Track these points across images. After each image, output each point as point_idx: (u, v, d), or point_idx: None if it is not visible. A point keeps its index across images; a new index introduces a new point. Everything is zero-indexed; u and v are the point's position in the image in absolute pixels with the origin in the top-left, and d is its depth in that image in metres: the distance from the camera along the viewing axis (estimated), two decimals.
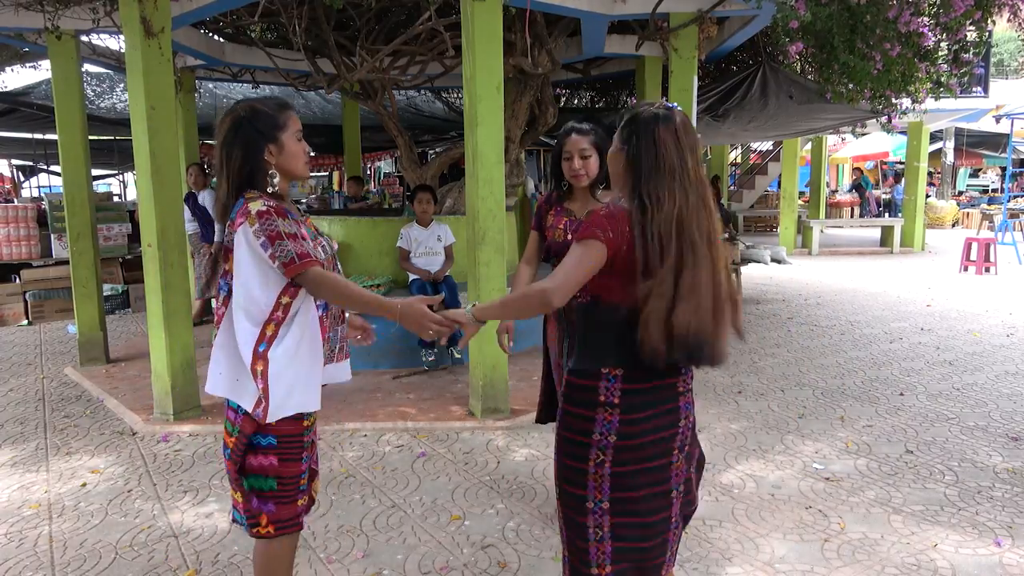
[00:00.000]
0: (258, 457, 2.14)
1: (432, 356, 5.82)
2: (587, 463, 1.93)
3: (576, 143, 2.90)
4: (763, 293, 9.69)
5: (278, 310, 2.11)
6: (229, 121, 2.14)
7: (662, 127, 1.87)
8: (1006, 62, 31.86)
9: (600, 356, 1.93)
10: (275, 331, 2.10)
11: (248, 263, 2.08)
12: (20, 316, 8.32)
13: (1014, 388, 5.28)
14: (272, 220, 2.04)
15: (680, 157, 1.87)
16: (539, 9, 5.40)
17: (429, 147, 14.02)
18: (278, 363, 2.08)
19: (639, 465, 1.93)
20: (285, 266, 2.03)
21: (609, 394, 1.91)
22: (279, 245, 2.03)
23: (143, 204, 4.75)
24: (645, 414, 1.92)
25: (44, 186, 17.61)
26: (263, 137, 2.12)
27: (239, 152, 2.11)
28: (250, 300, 2.09)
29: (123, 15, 4.60)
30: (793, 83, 7.96)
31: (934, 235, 17.32)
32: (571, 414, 1.97)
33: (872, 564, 2.92)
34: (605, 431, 1.91)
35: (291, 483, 2.17)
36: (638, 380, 1.91)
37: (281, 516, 2.17)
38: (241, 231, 2.06)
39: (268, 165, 2.14)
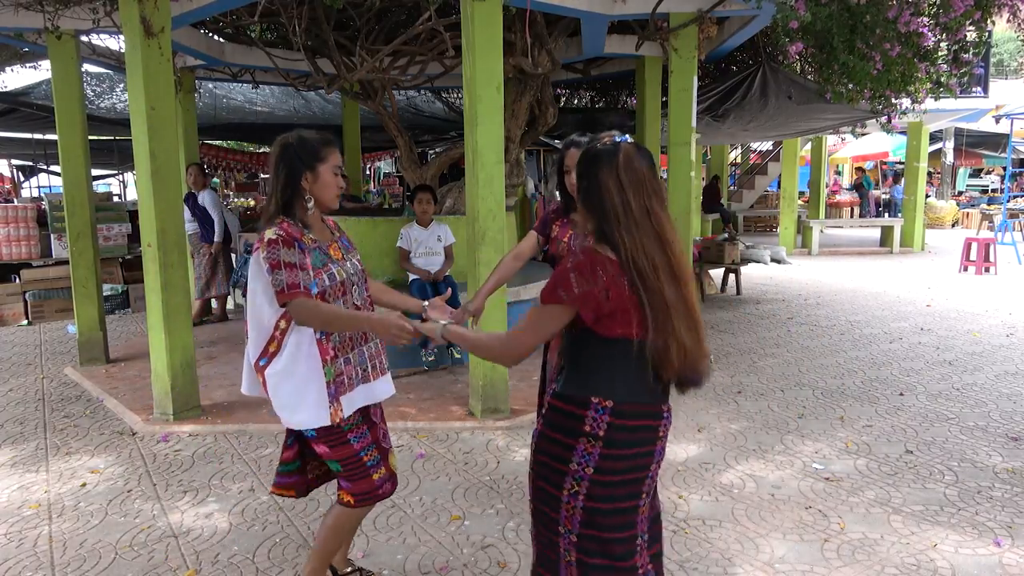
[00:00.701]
0: (317, 445, 2.42)
1: (432, 356, 5.82)
2: (561, 491, 1.88)
3: (573, 157, 2.94)
4: (763, 293, 9.69)
5: (277, 330, 2.35)
6: (279, 145, 2.41)
7: (604, 169, 1.85)
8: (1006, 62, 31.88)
9: (591, 384, 1.86)
10: (276, 349, 2.35)
11: (257, 284, 2.35)
12: (20, 316, 8.32)
13: (1014, 388, 5.29)
14: (276, 249, 2.26)
15: (623, 199, 1.83)
16: (539, 9, 5.40)
17: (429, 147, 14.01)
18: (274, 380, 2.35)
19: (611, 504, 1.87)
20: (277, 293, 2.25)
21: (595, 425, 1.84)
22: (276, 274, 2.24)
23: (143, 204, 4.75)
24: (625, 452, 1.86)
25: (44, 186, 17.62)
26: (303, 164, 2.37)
27: (283, 173, 2.37)
28: (258, 316, 2.36)
29: (123, 15, 4.60)
30: (793, 83, 7.96)
31: (934, 235, 17.32)
32: (550, 439, 1.91)
33: (872, 564, 2.92)
34: (583, 462, 1.85)
35: (353, 462, 2.42)
36: (626, 416, 1.85)
37: (357, 490, 2.44)
38: (255, 256, 2.33)
39: (304, 191, 2.37)
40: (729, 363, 6.07)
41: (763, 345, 6.72)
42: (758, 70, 7.92)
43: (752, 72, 7.99)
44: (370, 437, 2.49)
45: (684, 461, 4.01)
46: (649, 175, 1.87)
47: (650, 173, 1.88)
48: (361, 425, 2.46)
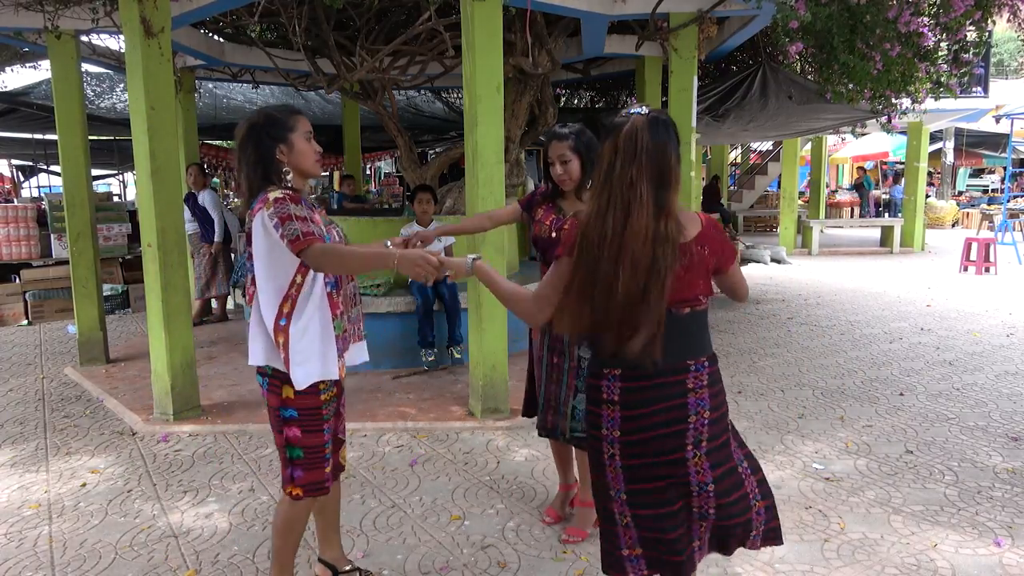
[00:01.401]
0: (290, 428, 2.40)
1: (432, 356, 5.82)
2: (602, 455, 2.03)
3: (555, 149, 2.98)
4: (763, 293, 9.69)
5: (292, 287, 2.31)
6: (245, 126, 2.37)
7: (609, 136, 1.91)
8: (1006, 62, 31.88)
9: (604, 355, 1.99)
10: (291, 307, 2.31)
11: (264, 245, 2.29)
12: (20, 316, 8.32)
13: (1014, 388, 5.28)
14: (285, 204, 2.23)
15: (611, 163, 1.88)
16: (539, 9, 5.40)
17: (429, 147, 14.01)
18: (295, 337, 2.30)
19: (648, 459, 1.99)
20: (292, 243, 2.19)
21: (610, 392, 1.99)
22: (288, 225, 2.20)
23: (143, 204, 4.75)
24: (646, 410, 1.96)
25: (44, 186, 17.61)
26: (274, 138, 2.34)
27: (252, 151, 2.33)
28: (269, 278, 2.32)
29: (123, 15, 4.60)
30: (793, 83, 7.96)
31: (934, 235, 17.32)
32: (588, 411, 2.08)
33: (872, 564, 2.92)
34: (610, 426, 1.99)
35: (315, 452, 2.41)
36: (636, 378, 1.96)
37: (308, 480, 2.42)
38: (259, 216, 2.28)
39: (281, 164, 2.35)
40: (729, 363, 6.07)
41: (763, 345, 6.72)
42: (758, 70, 7.92)
43: (752, 72, 7.99)
44: (332, 432, 2.50)
45: None
46: (652, 148, 1.86)
47: (654, 146, 1.86)
48: (332, 419, 2.48)
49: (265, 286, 2.33)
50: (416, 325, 5.78)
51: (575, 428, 3.03)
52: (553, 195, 3.12)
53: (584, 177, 2.99)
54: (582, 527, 3.16)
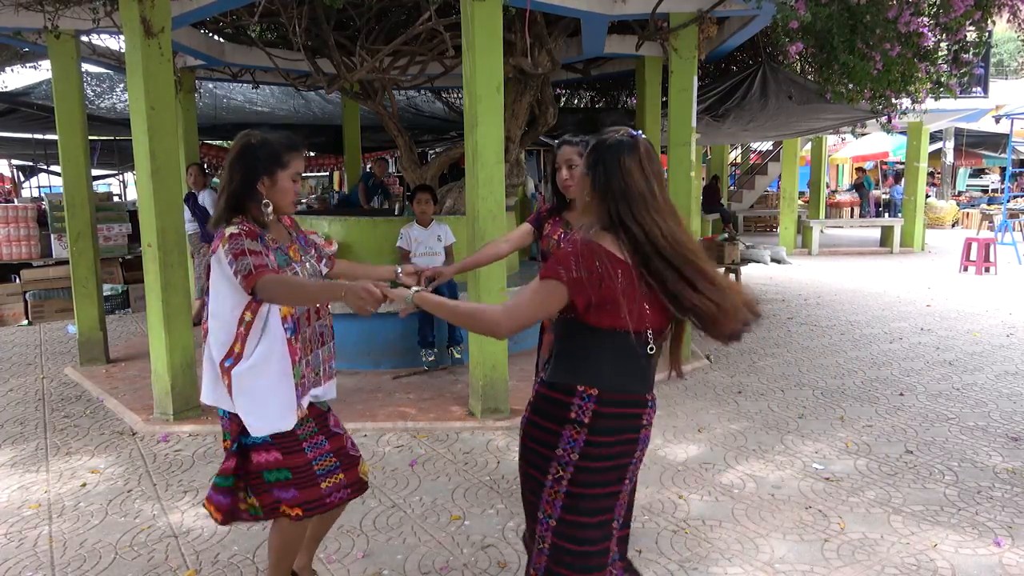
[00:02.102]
0: (261, 454, 2.30)
1: (432, 356, 5.82)
2: (546, 476, 1.91)
3: (565, 154, 3.00)
4: (763, 293, 9.69)
5: (240, 325, 2.27)
6: (240, 144, 2.30)
7: (627, 156, 1.87)
8: (1006, 62, 31.86)
9: (577, 372, 1.90)
10: (241, 348, 2.27)
11: (218, 282, 2.27)
12: (20, 316, 8.32)
13: (1014, 388, 5.28)
14: (239, 240, 2.20)
15: (648, 185, 1.86)
16: (539, 9, 5.40)
17: (429, 147, 14.00)
18: (240, 380, 2.25)
19: (593, 490, 1.90)
20: (244, 278, 2.15)
21: (580, 412, 1.87)
22: (240, 260, 2.17)
23: (143, 204, 4.75)
24: (610, 439, 1.89)
25: (44, 186, 17.60)
26: (262, 169, 2.28)
27: (238, 175, 2.28)
28: (219, 316, 2.28)
29: (123, 15, 4.61)
30: (793, 83, 7.96)
31: (934, 235, 17.31)
32: (538, 426, 1.94)
33: (872, 564, 2.92)
34: (568, 448, 1.88)
35: (304, 470, 2.33)
36: (610, 404, 1.88)
37: (305, 499, 2.33)
38: (217, 253, 2.24)
39: (260, 195, 2.29)
40: (729, 363, 6.07)
41: (763, 345, 6.72)
42: (758, 70, 7.91)
43: (752, 72, 7.99)
44: (328, 446, 2.42)
45: (684, 461, 4.01)
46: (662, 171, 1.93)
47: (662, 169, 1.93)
48: (317, 435, 2.40)
49: (216, 323, 2.29)
50: (416, 325, 5.78)
51: None
52: (559, 209, 3.14)
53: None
54: None
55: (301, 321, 2.35)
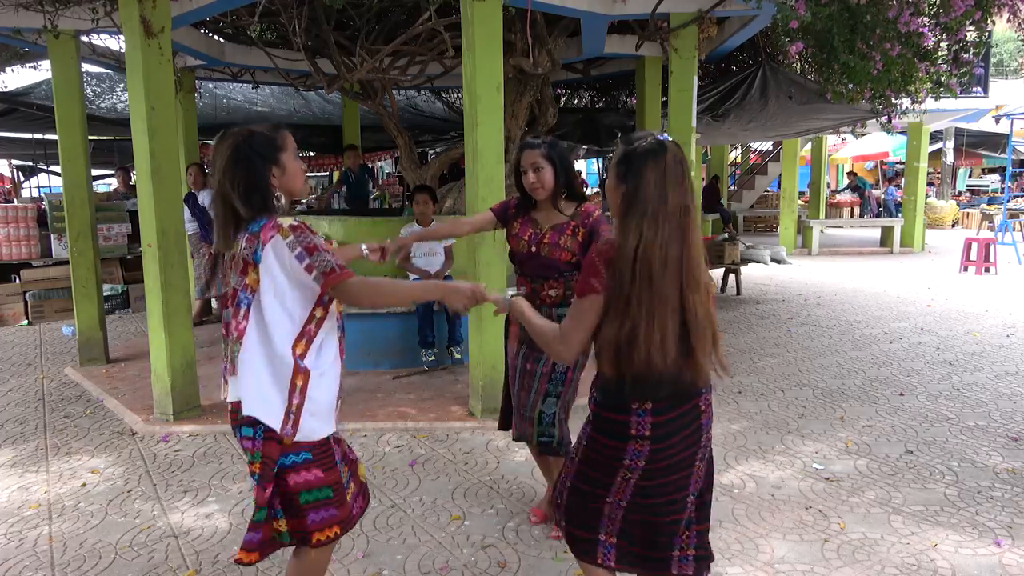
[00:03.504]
0: (301, 474, 2.11)
1: (432, 356, 5.82)
2: (614, 478, 1.99)
3: (528, 157, 2.99)
4: (763, 293, 9.69)
5: (311, 323, 2.11)
6: (229, 147, 2.10)
7: (650, 164, 1.89)
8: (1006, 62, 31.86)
9: (630, 391, 1.93)
10: (306, 348, 2.10)
11: (279, 275, 2.04)
12: (20, 316, 8.32)
13: (1014, 388, 5.28)
14: (307, 234, 2.04)
15: (661, 194, 1.87)
16: (539, 9, 5.40)
17: (429, 147, 14.00)
18: (315, 382, 2.10)
19: (664, 479, 1.98)
20: (325, 275, 2.01)
21: (640, 428, 1.93)
22: (317, 256, 2.01)
23: (143, 204, 4.75)
24: (674, 440, 1.97)
25: (44, 186, 17.60)
26: (265, 160, 2.11)
27: (244, 177, 2.08)
28: (284, 314, 2.06)
29: (123, 15, 4.61)
30: (793, 83, 7.96)
31: (934, 235, 17.31)
32: (601, 444, 2.01)
33: (872, 564, 2.92)
34: (635, 458, 1.96)
35: (339, 486, 2.20)
36: (666, 411, 1.94)
37: (342, 516, 2.20)
38: (272, 244, 2.03)
39: (274, 188, 2.13)
40: (729, 363, 6.05)
41: (763, 345, 6.71)
42: (758, 70, 7.92)
43: (752, 72, 7.99)
44: (337, 455, 2.26)
45: None
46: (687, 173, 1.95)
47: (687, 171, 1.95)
48: (339, 443, 2.28)
49: (277, 322, 2.06)
50: (416, 325, 5.78)
51: (541, 433, 3.02)
52: (526, 207, 3.11)
53: (558, 186, 2.99)
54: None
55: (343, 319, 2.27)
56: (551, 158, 2.97)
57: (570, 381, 3.03)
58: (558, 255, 2.97)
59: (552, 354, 2.04)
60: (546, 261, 3.00)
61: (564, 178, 3.01)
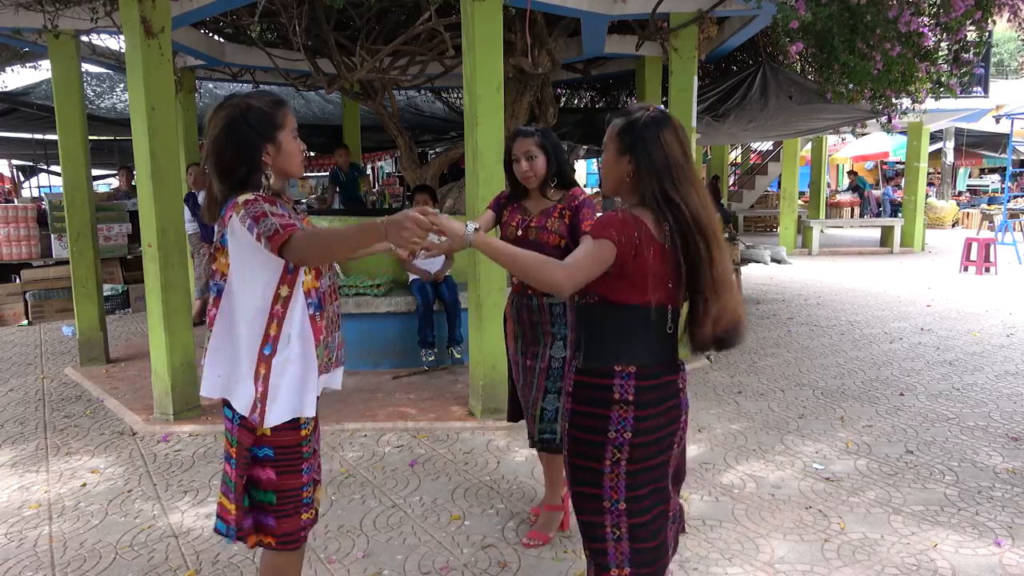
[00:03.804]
0: (256, 469, 2.05)
1: (432, 356, 5.82)
2: (602, 462, 1.93)
3: (522, 145, 2.99)
4: (763, 293, 9.69)
5: (277, 303, 2.00)
6: (224, 118, 2.00)
7: (665, 130, 1.90)
8: (1006, 62, 31.87)
9: (613, 353, 1.93)
10: (278, 331, 2.00)
11: (240, 255, 1.98)
12: (20, 316, 8.32)
13: (1014, 388, 5.28)
14: (258, 204, 1.94)
15: (685, 157, 1.90)
16: (539, 9, 5.40)
17: (429, 147, 14.01)
18: (279, 368, 2.01)
19: (649, 462, 1.95)
20: (270, 239, 1.88)
21: (624, 391, 1.91)
22: (264, 222, 1.89)
23: (143, 204, 4.75)
24: (656, 410, 1.94)
25: (44, 186, 17.60)
26: (261, 137, 2.01)
27: (234, 150, 1.99)
28: (247, 298, 1.99)
29: (123, 15, 4.61)
30: (793, 83, 7.96)
31: (934, 235, 17.31)
32: (583, 413, 1.96)
33: (872, 564, 2.92)
34: (620, 428, 1.91)
35: (291, 496, 2.06)
36: (650, 376, 1.93)
37: (282, 530, 2.07)
38: (230, 223, 1.96)
39: (265, 166, 2.03)
40: (729, 363, 6.07)
41: (763, 345, 6.71)
42: (758, 70, 7.91)
43: (752, 72, 7.99)
44: (316, 471, 2.16)
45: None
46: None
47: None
48: (314, 455, 2.15)
49: (245, 305, 2.00)
50: (416, 325, 5.78)
51: (543, 430, 3.00)
52: (517, 196, 3.12)
53: (549, 174, 3.01)
54: (546, 531, 3.15)
55: (326, 297, 2.12)
56: (544, 146, 2.99)
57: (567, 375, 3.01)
58: (546, 238, 2.97)
59: (545, 280, 1.84)
60: (534, 246, 2.97)
61: (556, 166, 3.02)
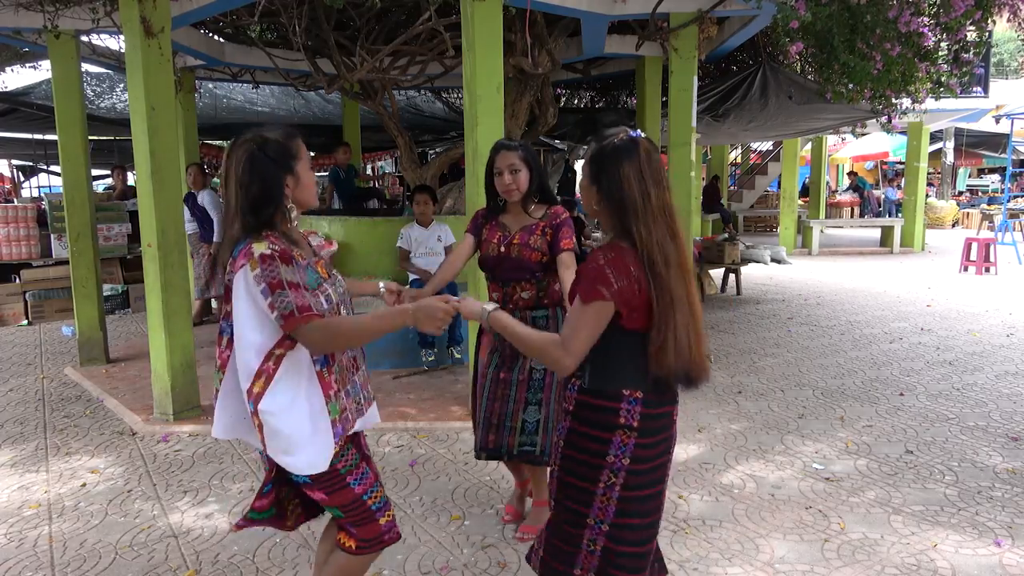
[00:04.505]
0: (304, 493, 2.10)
1: (432, 356, 5.82)
2: (596, 484, 1.91)
3: (505, 158, 2.96)
4: (763, 293, 9.69)
5: (269, 361, 1.96)
6: (244, 154, 1.97)
7: (625, 162, 1.86)
8: (1006, 62, 31.85)
9: (621, 377, 1.90)
10: (263, 387, 1.95)
11: (245, 308, 1.94)
12: (20, 316, 8.32)
13: (1014, 388, 5.28)
14: (275, 266, 1.89)
15: (642, 191, 1.85)
16: (539, 9, 5.40)
17: (429, 147, 14.01)
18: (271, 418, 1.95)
19: (644, 491, 1.93)
20: (284, 318, 1.87)
21: (629, 417, 1.88)
22: (279, 295, 1.87)
23: (143, 204, 4.75)
24: (655, 439, 1.93)
25: (44, 186, 17.60)
26: (281, 169, 1.99)
27: (258, 188, 1.96)
28: (245, 346, 1.95)
29: (123, 15, 4.60)
30: (793, 83, 7.96)
31: (934, 235, 17.32)
32: (583, 435, 1.93)
33: (872, 564, 2.92)
34: (620, 453, 1.89)
35: (354, 507, 2.08)
36: (653, 404, 1.91)
37: (362, 536, 2.11)
38: (241, 274, 1.92)
39: (287, 199, 2.01)
40: (729, 363, 6.07)
41: (763, 345, 6.71)
42: (758, 70, 7.92)
43: (752, 72, 8.00)
44: (372, 476, 2.15)
45: (684, 461, 4.01)
46: (663, 170, 1.92)
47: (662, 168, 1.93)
48: (360, 464, 2.12)
49: (240, 353, 1.96)
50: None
51: (524, 443, 2.97)
52: (495, 211, 3.09)
53: (531, 189, 2.99)
54: (537, 524, 3.13)
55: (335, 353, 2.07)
56: (527, 160, 2.97)
57: (549, 386, 2.98)
58: (528, 255, 2.95)
59: (549, 363, 1.89)
60: (516, 263, 2.97)
61: (538, 181, 3.01)
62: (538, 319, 3.00)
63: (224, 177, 2.02)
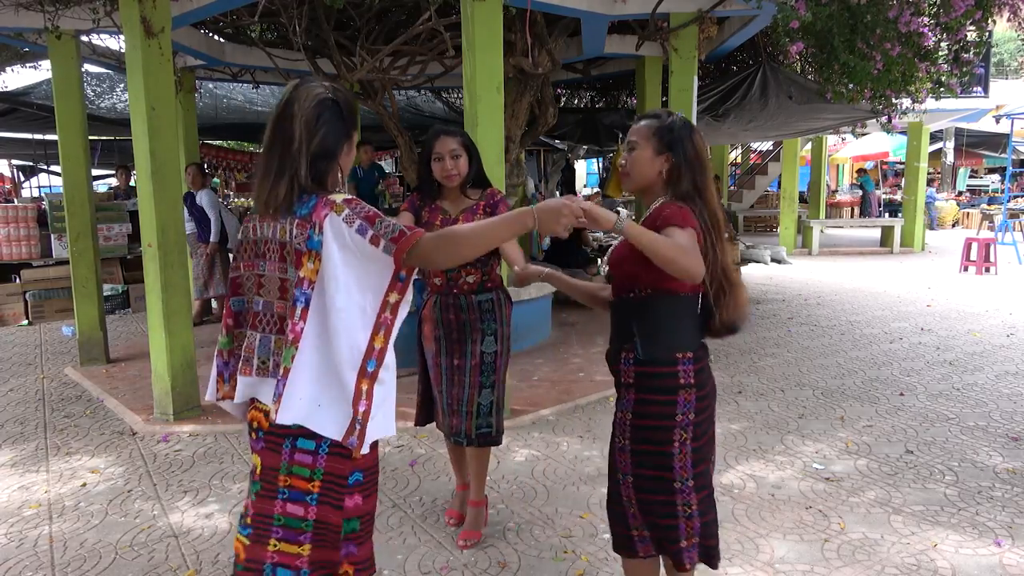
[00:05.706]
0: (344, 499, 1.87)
1: None
2: (672, 445, 2.06)
3: (445, 144, 2.97)
4: (763, 293, 9.69)
5: (385, 311, 1.79)
6: (317, 100, 1.80)
7: (695, 133, 2.15)
8: (1006, 62, 31.86)
9: (674, 343, 2.09)
10: (384, 342, 1.80)
11: (344, 259, 1.74)
12: (20, 316, 8.32)
13: (1014, 388, 5.28)
14: (362, 204, 1.77)
15: (708, 158, 2.20)
16: (539, 9, 5.40)
17: None
18: (381, 385, 1.81)
19: (705, 438, 2.12)
20: (395, 241, 1.70)
21: (687, 376, 2.08)
22: (380, 223, 1.72)
23: (143, 204, 4.75)
24: (707, 389, 2.14)
25: (44, 186, 17.60)
26: (349, 127, 1.87)
27: (327, 137, 1.80)
28: (353, 306, 1.75)
29: (123, 15, 4.61)
30: (793, 83, 7.96)
31: (934, 235, 17.32)
32: (653, 402, 2.09)
33: (872, 564, 2.92)
34: (686, 411, 2.07)
35: (370, 520, 1.93)
36: (699, 359, 2.12)
37: (363, 556, 1.92)
38: (328, 224, 1.73)
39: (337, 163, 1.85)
40: (729, 363, 6.07)
41: (763, 345, 6.71)
42: (758, 70, 7.92)
43: (752, 72, 7.99)
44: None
45: None
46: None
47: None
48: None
49: (345, 315, 1.74)
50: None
51: (480, 425, 3.04)
52: (432, 196, 3.09)
53: (470, 174, 3.01)
54: (476, 528, 3.16)
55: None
56: (467, 145, 3.00)
57: (499, 368, 3.09)
58: None
59: (681, 268, 1.89)
60: None
61: (477, 165, 3.04)
62: (483, 303, 3.06)
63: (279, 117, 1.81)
